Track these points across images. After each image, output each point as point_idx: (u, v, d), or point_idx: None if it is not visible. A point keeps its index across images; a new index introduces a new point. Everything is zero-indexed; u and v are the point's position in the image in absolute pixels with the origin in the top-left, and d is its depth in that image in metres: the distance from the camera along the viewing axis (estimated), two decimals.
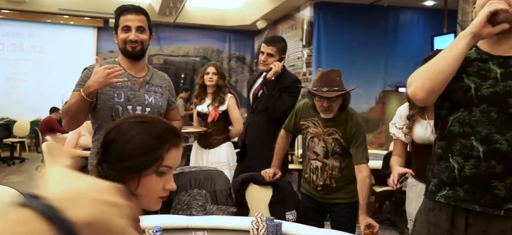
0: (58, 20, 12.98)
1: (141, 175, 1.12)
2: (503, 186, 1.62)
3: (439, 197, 1.74)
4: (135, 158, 1.12)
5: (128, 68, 2.36)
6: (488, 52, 1.70)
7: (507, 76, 1.65)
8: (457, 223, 1.70)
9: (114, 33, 2.40)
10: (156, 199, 1.17)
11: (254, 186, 2.79)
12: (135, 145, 1.13)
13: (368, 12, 10.66)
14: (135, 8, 2.36)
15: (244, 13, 12.93)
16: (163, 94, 2.46)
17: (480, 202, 1.65)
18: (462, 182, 1.67)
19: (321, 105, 2.59)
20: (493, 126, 1.64)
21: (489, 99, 1.65)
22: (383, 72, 10.85)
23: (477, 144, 1.66)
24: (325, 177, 2.71)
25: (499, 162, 1.62)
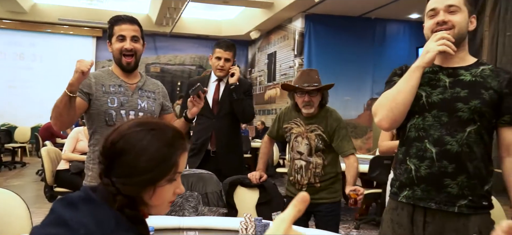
0: (58, 30, 12.95)
1: (156, 186, 1.06)
2: (455, 184, 1.69)
3: (401, 197, 1.80)
4: (151, 170, 1.04)
5: (121, 75, 2.35)
6: (439, 65, 1.80)
7: (455, 84, 1.73)
8: (416, 222, 1.76)
9: (108, 42, 2.38)
10: (167, 204, 1.12)
11: (242, 188, 2.81)
12: (150, 157, 1.04)
13: (356, 24, 10.73)
14: (129, 18, 2.35)
15: (238, 24, 12.96)
16: (156, 99, 2.45)
17: (435, 200, 1.71)
18: (418, 182, 1.74)
19: (302, 101, 2.68)
20: (444, 129, 1.71)
21: (439, 105, 1.73)
22: (371, 81, 10.91)
23: (430, 146, 1.73)
24: (309, 175, 2.74)
25: (451, 162, 1.69)
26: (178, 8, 10.47)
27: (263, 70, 13.29)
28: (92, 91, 2.26)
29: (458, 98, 1.70)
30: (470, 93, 1.69)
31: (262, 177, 2.81)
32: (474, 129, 1.69)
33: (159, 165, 1.05)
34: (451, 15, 1.70)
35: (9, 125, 11.83)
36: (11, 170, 9.35)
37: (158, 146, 1.06)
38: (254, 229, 2.00)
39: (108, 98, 2.28)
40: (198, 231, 2.07)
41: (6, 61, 12.67)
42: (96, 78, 2.31)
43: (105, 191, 1.05)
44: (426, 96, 1.75)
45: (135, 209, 1.06)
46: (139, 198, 1.06)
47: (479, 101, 1.68)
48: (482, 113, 1.69)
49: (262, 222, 2.02)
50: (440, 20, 1.71)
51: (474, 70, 1.74)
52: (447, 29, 1.69)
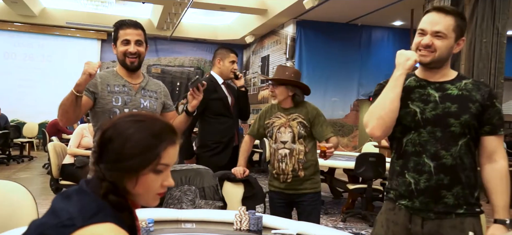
0: (66, 32, 12.91)
1: (139, 174, 1.03)
2: (451, 194, 1.70)
3: (398, 203, 1.80)
4: (133, 157, 1.01)
5: (125, 76, 2.35)
6: (426, 79, 1.80)
7: (444, 98, 1.73)
8: (415, 221, 1.76)
9: (113, 45, 2.38)
10: (154, 196, 1.08)
11: (228, 183, 2.80)
12: (133, 144, 1.02)
13: (344, 30, 10.75)
14: (133, 23, 2.34)
15: (233, 29, 12.95)
16: (158, 99, 2.45)
17: (433, 211, 1.72)
18: (418, 194, 1.74)
19: (269, 91, 2.85)
20: (439, 143, 1.72)
21: (433, 121, 1.73)
22: (357, 83, 10.94)
23: (428, 161, 1.73)
24: (293, 162, 2.75)
25: (446, 174, 1.70)
26: (178, 14, 10.45)
27: (257, 72, 13.28)
28: (97, 91, 2.26)
29: (449, 114, 1.70)
30: (460, 108, 1.70)
31: (245, 172, 2.82)
32: (464, 142, 1.71)
33: (142, 153, 1.02)
34: (437, 40, 1.71)
35: (18, 121, 11.77)
36: (19, 164, 9.28)
37: (143, 135, 1.03)
38: (248, 222, 1.99)
39: (113, 97, 2.28)
40: (195, 223, 2.05)
41: (17, 61, 12.64)
42: (102, 78, 2.31)
43: (95, 180, 1.04)
44: (420, 113, 1.75)
45: (119, 196, 1.02)
46: (121, 185, 1.03)
47: (468, 116, 1.69)
48: (471, 126, 1.70)
49: (256, 215, 2.01)
50: (424, 43, 1.72)
51: (458, 84, 1.75)
52: (429, 52, 1.71)
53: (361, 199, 5.70)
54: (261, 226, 1.99)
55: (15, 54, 12.70)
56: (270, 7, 10.15)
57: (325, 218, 5.44)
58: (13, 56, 12.65)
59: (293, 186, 2.77)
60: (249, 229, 1.98)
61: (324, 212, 5.74)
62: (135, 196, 1.05)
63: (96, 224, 0.94)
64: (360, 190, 5.33)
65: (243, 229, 1.98)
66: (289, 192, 2.79)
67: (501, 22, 7.57)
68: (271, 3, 10.05)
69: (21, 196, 2.12)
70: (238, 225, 2.00)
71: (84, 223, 0.94)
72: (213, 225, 2.04)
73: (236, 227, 1.99)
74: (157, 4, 10.56)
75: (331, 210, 5.95)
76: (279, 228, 1.98)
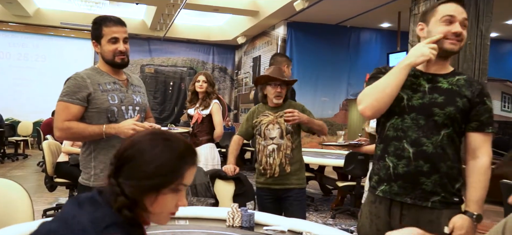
0: (60, 33, 12.81)
1: (160, 193, 1.01)
2: (430, 182, 1.69)
3: (379, 191, 1.78)
4: (158, 176, 1.00)
5: (111, 73, 2.25)
6: (421, 70, 1.78)
7: (433, 90, 1.72)
8: (394, 214, 1.75)
9: (94, 42, 2.23)
10: (168, 215, 1.06)
11: (220, 181, 2.80)
12: (160, 163, 1.00)
13: (333, 31, 10.78)
14: (119, 20, 2.22)
15: (226, 30, 12.93)
16: (144, 94, 2.40)
17: (410, 195, 1.71)
18: (396, 178, 1.73)
19: (275, 91, 2.80)
20: (421, 131, 1.71)
21: (418, 109, 1.72)
22: (346, 83, 10.98)
23: (408, 146, 1.72)
24: (281, 156, 2.77)
25: (426, 161, 1.69)
26: (171, 15, 10.41)
27: (248, 72, 13.27)
28: (90, 91, 2.13)
29: (435, 104, 1.70)
30: (446, 100, 1.70)
31: (236, 170, 2.82)
32: (447, 133, 1.70)
33: (167, 173, 1.01)
34: (464, 29, 1.70)
35: (13, 119, 11.65)
36: (14, 162, 9.20)
37: (170, 156, 1.02)
38: (240, 219, 1.99)
39: (108, 96, 2.17)
40: (188, 220, 2.04)
41: (12, 61, 12.52)
42: (90, 78, 2.18)
43: (109, 192, 1.02)
44: (407, 99, 1.74)
45: (133, 212, 1.01)
46: (140, 202, 1.01)
47: (453, 108, 1.68)
48: (455, 119, 1.69)
49: (248, 212, 2.01)
50: (458, 31, 1.68)
51: (450, 79, 1.74)
52: (458, 41, 1.69)
53: (350, 196, 5.73)
54: (253, 223, 2.00)
55: (10, 54, 12.56)
56: (262, 8, 10.15)
57: (315, 214, 5.45)
58: (8, 56, 12.52)
59: (279, 181, 2.78)
60: (241, 225, 1.98)
61: (314, 208, 5.76)
62: (150, 213, 1.03)
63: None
64: (349, 187, 5.36)
65: (235, 225, 1.98)
66: (275, 187, 2.79)
67: (485, 25, 7.65)
68: (263, 5, 10.05)
69: (16, 193, 2.10)
70: (231, 222, 2.00)
71: (95, 232, 0.93)
72: (206, 222, 2.04)
73: (229, 224, 1.99)
74: (150, 5, 10.51)
75: (321, 207, 5.97)
76: (271, 224, 1.99)
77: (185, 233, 1.83)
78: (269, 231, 1.92)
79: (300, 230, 1.89)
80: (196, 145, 3.63)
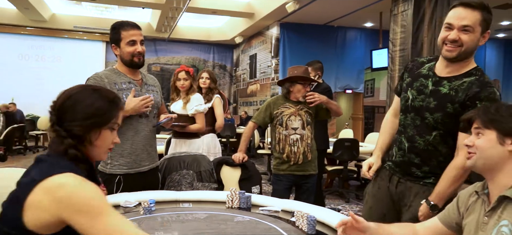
0: (74, 35, 12.73)
1: (101, 129, 1.13)
2: (420, 171, 1.77)
3: (386, 164, 1.92)
4: (98, 116, 1.12)
5: (127, 73, 2.26)
6: (434, 71, 1.73)
7: (432, 93, 1.70)
8: (393, 181, 1.86)
9: (113, 46, 2.24)
10: (106, 150, 1.18)
11: (227, 167, 2.80)
12: (98, 106, 1.13)
13: (322, 31, 10.77)
14: (135, 24, 2.24)
15: (225, 30, 12.89)
16: (158, 92, 2.40)
17: (405, 177, 1.81)
18: (394, 165, 1.86)
19: (304, 90, 2.82)
20: (416, 130, 1.76)
21: (417, 110, 1.75)
22: (334, 78, 10.98)
23: (405, 141, 1.80)
24: (304, 145, 2.80)
25: (417, 155, 1.76)
26: (174, 17, 10.36)
27: (245, 69, 13.25)
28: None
29: (427, 108, 1.71)
30: (437, 106, 1.67)
31: (244, 158, 2.80)
32: (439, 133, 1.70)
33: (105, 113, 1.14)
34: (464, 34, 1.58)
35: (33, 115, 11.62)
36: (35, 153, 9.18)
37: (104, 100, 1.15)
38: (238, 201, 2.00)
39: (123, 94, 2.18)
40: (192, 203, 2.05)
41: (30, 62, 12.47)
42: (107, 78, 2.20)
43: (56, 141, 1.10)
44: (411, 100, 1.77)
45: (79, 149, 1.10)
46: (87, 138, 1.12)
47: (441, 114, 1.67)
48: (444, 123, 1.67)
49: (245, 195, 2.02)
50: (451, 38, 1.60)
51: (455, 82, 1.65)
52: (456, 47, 1.60)
53: (338, 178, 5.76)
54: (250, 204, 2.01)
55: (29, 56, 12.51)
56: (257, 11, 10.12)
57: None
58: (26, 58, 12.48)
59: (302, 167, 2.81)
60: (239, 207, 1.99)
61: None
62: (93, 148, 1.14)
63: (54, 176, 1.00)
64: (337, 171, 5.39)
65: (234, 207, 1.99)
66: (298, 174, 2.81)
67: None
68: (258, 7, 10.02)
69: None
70: (230, 204, 2.01)
71: (42, 177, 1.00)
72: (208, 204, 2.05)
73: (228, 205, 2.01)
74: (155, 9, 10.45)
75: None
76: (266, 205, 2.00)
77: (189, 214, 1.85)
78: (264, 211, 1.94)
79: (292, 209, 1.90)
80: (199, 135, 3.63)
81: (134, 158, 2.20)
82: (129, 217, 1.75)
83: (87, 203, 0.97)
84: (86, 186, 1.00)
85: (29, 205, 0.98)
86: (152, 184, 2.30)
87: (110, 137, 1.17)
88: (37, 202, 0.98)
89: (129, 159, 2.19)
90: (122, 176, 2.18)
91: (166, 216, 1.79)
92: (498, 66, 12.32)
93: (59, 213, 0.97)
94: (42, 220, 0.98)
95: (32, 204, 0.98)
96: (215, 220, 1.77)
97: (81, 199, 0.97)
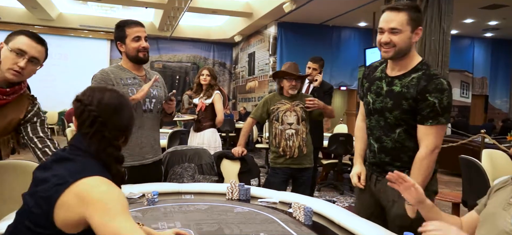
0: (79, 34, 12.70)
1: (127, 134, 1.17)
2: (393, 168, 1.72)
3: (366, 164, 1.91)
4: (127, 126, 1.16)
5: (132, 70, 2.25)
6: (386, 73, 1.78)
7: (388, 94, 1.73)
8: (372, 179, 1.85)
9: (119, 43, 2.23)
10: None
11: (227, 160, 2.79)
12: (128, 115, 1.16)
13: (317, 30, 10.75)
14: (139, 22, 2.23)
15: (224, 29, 12.85)
16: (161, 87, 2.38)
17: (382, 175, 1.76)
18: (369, 165, 1.87)
19: (290, 85, 2.81)
20: (381, 130, 1.76)
21: (378, 112, 1.76)
22: (329, 75, 10.97)
23: (373, 142, 1.80)
24: (299, 140, 2.79)
25: (387, 154, 1.76)
26: (176, 17, 10.33)
27: (244, 66, 13.23)
28: (113, 84, 2.14)
29: (386, 108, 1.73)
30: (394, 105, 1.70)
31: (243, 152, 2.80)
32: (402, 130, 1.71)
33: (130, 124, 1.16)
34: (394, 35, 1.64)
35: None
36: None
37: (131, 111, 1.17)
38: (238, 193, 2.00)
39: (129, 89, 2.17)
40: (193, 195, 2.05)
41: None
42: (113, 73, 2.19)
43: (83, 142, 1.08)
44: (372, 103, 1.79)
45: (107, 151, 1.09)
46: (115, 142, 1.11)
47: (399, 112, 1.69)
48: (404, 119, 1.69)
49: (244, 187, 2.02)
50: (383, 41, 1.66)
51: (405, 80, 1.69)
52: (389, 48, 1.66)
53: (333, 172, 5.76)
54: (249, 196, 2.01)
55: None
56: (255, 10, 10.09)
57: None
58: None
59: (297, 161, 2.79)
60: (239, 198, 1.99)
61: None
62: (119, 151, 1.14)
63: (85, 178, 0.98)
64: (332, 164, 5.39)
65: (234, 198, 1.99)
66: (294, 167, 2.80)
67: (446, 23, 7.67)
68: (256, 7, 9.99)
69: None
70: (230, 196, 2.01)
71: (74, 178, 0.97)
72: (208, 196, 2.05)
73: (228, 197, 2.01)
74: (158, 8, 10.41)
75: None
76: (264, 197, 2.00)
77: (190, 205, 1.84)
78: (262, 202, 1.94)
79: (289, 201, 1.90)
80: (200, 130, 3.63)
81: (138, 151, 2.20)
82: (133, 208, 1.75)
83: (114, 204, 0.96)
84: (115, 189, 1.00)
85: (61, 205, 0.97)
86: (155, 176, 2.29)
87: (123, 145, 1.18)
88: (67, 203, 0.96)
89: (133, 152, 2.18)
90: (126, 168, 2.17)
91: (169, 207, 1.79)
92: (486, 64, 12.33)
93: (85, 212, 0.95)
94: (70, 219, 0.97)
95: (64, 204, 0.96)
96: (216, 211, 1.76)
97: (110, 200, 0.96)
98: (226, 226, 1.56)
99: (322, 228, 1.61)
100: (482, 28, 10.83)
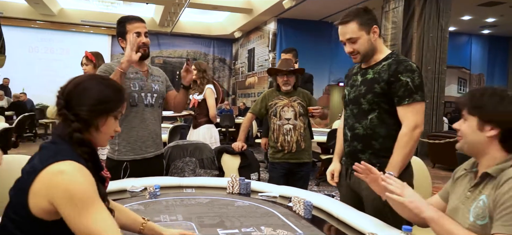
0: (81, 29, 12.67)
1: (109, 115, 1.11)
2: (364, 157, 1.77)
3: (342, 161, 1.98)
4: (106, 102, 1.10)
5: (134, 64, 2.21)
6: (360, 67, 1.85)
7: (362, 83, 1.78)
8: (348, 173, 1.90)
9: (120, 39, 2.23)
10: (108, 137, 1.15)
11: (227, 155, 2.79)
12: (107, 93, 1.11)
13: (317, 26, 10.73)
14: (139, 18, 2.23)
15: (224, 25, 12.83)
16: (163, 82, 2.37)
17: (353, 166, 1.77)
18: (345, 156, 1.90)
19: (282, 80, 2.82)
20: (354, 118, 1.80)
21: (353, 101, 1.81)
22: (328, 71, 10.99)
23: (347, 131, 1.85)
24: (297, 135, 2.79)
25: (359, 142, 1.79)
26: (177, 13, 10.30)
27: (244, 62, 13.22)
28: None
29: (360, 95, 1.77)
30: (367, 89, 1.74)
31: (243, 147, 2.80)
32: (375, 116, 1.74)
33: (113, 100, 1.11)
34: (353, 44, 1.73)
35: (42, 104, 11.57)
36: (45, 140, 9.14)
37: (112, 89, 1.13)
38: (238, 187, 2.01)
39: (130, 83, 2.17)
40: (194, 188, 2.06)
41: (40, 54, 12.47)
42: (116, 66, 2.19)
43: (63, 124, 1.07)
44: (347, 95, 1.86)
45: (82, 134, 1.07)
46: (94, 123, 1.09)
47: (371, 95, 1.72)
48: (377, 103, 1.72)
49: (245, 181, 2.02)
50: (347, 52, 1.76)
51: (377, 67, 1.75)
52: (356, 55, 1.74)
53: None
54: (249, 190, 2.01)
55: (38, 48, 12.48)
56: (255, 6, 10.06)
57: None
58: (36, 50, 12.45)
59: (295, 156, 2.80)
60: (239, 192, 2.00)
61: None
62: (98, 134, 1.11)
63: (53, 163, 0.97)
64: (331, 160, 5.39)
65: (234, 192, 2.00)
66: (292, 162, 2.80)
67: (444, 20, 7.66)
68: (256, 3, 9.96)
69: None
70: (231, 189, 2.01)
71: (43, 165, 0.97)
72: (209, 189, 2.05)
73: (229, 191, 2.01)
74: (158, 4, 10.38)
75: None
76: (264, 191, 2.01)
77: (192, 199, 1.85)
78: (263, 196, 1.94)
79: (289, 195, 1.91)
80: (196, 126, 3.58)
81: (140, 144, 2.20)
82: (136, 201, 1.76)
83: (79, 196, 0.95)
84: (82, 177, 0.97)
85: (33, 193, 0.97)
86: (157, 170, 2.30)
87: (113, 125, 1.14)
88: (38, 189, 0.97)
89: (135, 146, 2.18)
90: (128, 162, 2.18)
91: (171, 201, 1.80)
92: (483, 60, 12.34)
93: (53, 199, 0.95)
94: (43, 207, 0.97)
95: (35, 192, 0.97)
96: (217, 205, 1.77)
97: (74, 190, 0.95)
98: (227, 219, 1.57)
99: (321, 222, 1.62)
100: (480, 25, 10.82)
